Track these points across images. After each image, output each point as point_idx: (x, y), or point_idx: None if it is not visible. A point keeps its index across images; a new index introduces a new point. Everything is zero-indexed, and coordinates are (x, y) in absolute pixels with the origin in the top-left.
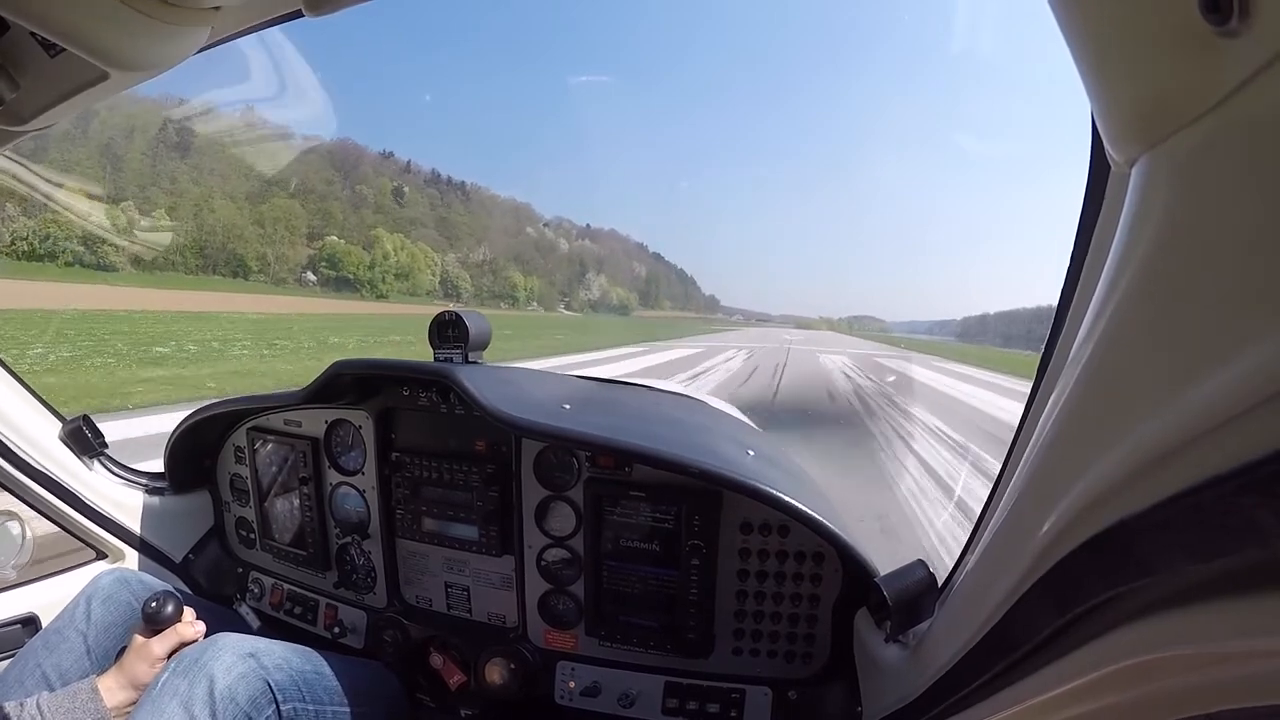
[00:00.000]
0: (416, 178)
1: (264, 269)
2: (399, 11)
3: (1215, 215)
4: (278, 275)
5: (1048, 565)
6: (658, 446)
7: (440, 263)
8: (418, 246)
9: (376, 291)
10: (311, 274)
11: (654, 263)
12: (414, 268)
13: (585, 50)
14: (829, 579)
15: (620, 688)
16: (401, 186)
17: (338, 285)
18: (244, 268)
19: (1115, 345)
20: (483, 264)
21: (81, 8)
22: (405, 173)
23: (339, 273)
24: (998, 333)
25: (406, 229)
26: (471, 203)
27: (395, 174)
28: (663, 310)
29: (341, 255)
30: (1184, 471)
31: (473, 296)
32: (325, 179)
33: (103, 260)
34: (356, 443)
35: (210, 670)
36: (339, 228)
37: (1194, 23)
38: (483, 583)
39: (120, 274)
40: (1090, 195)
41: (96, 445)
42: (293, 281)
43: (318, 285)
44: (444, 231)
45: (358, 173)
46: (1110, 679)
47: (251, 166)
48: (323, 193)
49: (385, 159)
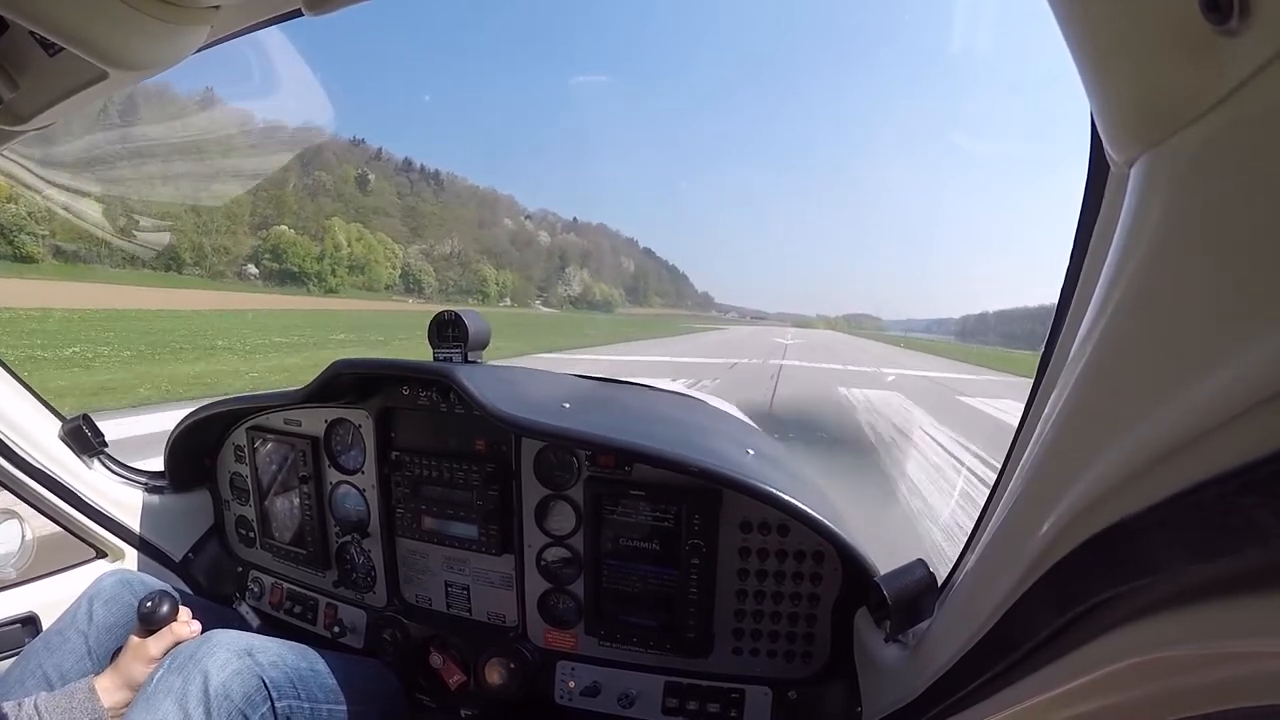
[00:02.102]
0: (386, 165)
1: (200, 261)
2: (399, 10)
3: (1215, 215)
4: (215, 268)
5: (1048, 565)
6: (658, 445)
7: (402, 255)
8: (376, 237)
9: (325, 285)
10: (253, 267)
11: (644, 258)
12: (371, 260)
13: (584, 49)
14: (829, 578)
15: (620, 687)
16: (366, 173)
17: (282, 279)
18: (177, 260)
19: (1115, 345)
20: (450, 256)
21: (81, 7)
22: (375, 160)
23: (283, 265)
24: (999, 332)
25: (368, 218)
26: (446, 192)
27: (363, 161)
28: (652, 307)
29: (287, 246)
30: (1184, 471)
31: (437, 291)
32: (281, 164)
33: (20, 251)
34: (356, 442)
35: (205, 667)
36: (293, 217)
37: (1194, 22)
38: (482, 582)
39: (40, 266)
40: (1089, 195)
41: (96, 444)
42: (232, 275)
43: (259, 279)
44: (410, 222)
45: (319, 159)
46: (1110, 679)
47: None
48: (277, 179)
49: (354, 146)
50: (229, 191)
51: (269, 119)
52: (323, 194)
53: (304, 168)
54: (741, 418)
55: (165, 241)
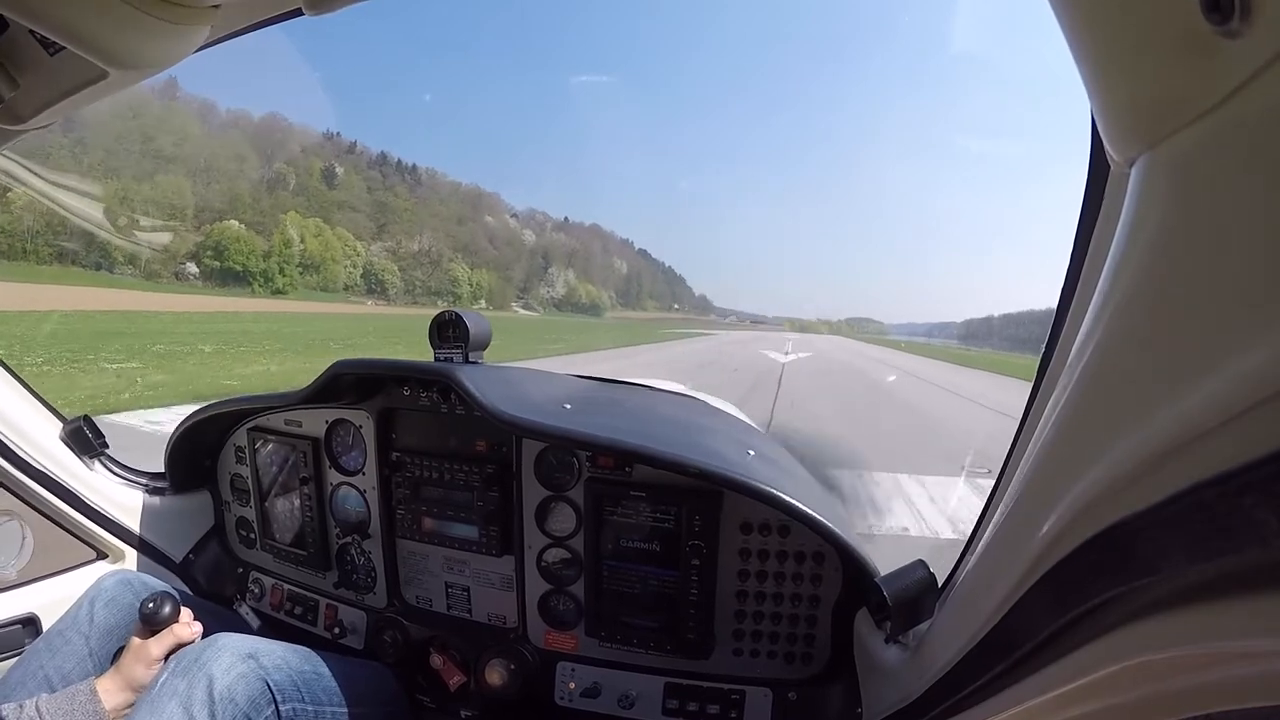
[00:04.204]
0: (359, 159)
1: (134, 260)
2: (399, 9)
3: (1215, 215)
4: (150, 268)
5: (1048, 565)
6: (658, 446)
7: (364, 252)
8: (336, 233)
9: (272, 286)
10: (194, 265)
11: (639, 260)
12: (327, 258)
13: (584, 47)
14: (829, 579)
15: (620, 688)
16: (333, 167)
17: (224, 278)
18: (109, 258)
19: (1115, 345)
20: (419, 254)
21: (81, 6)
22: (348, 154)
23: (225, 263)
24: (1004, 336)
25: (330, 213)
26: (422, 188)
27: (335, 155)
28: (645, 311)
29: (230, 243)
30: (1184, 471)
31: (402, 292)
32: (238, 156)
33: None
34: (357, 443)
35: (209, 670)
36: (250, 211)
37: (1194, 23)
38: (483, 583)
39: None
40: (1090, 195)
41: (97, 445)
42: (169, 275)
43: (199, 279)
44: (379, 218)
45: (284, 151)
46: (1110, 679)
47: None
48: (231, 172)
49: (328, 139)
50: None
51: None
52: (282, 187)
53: (265, 160)
54: (742, 418)
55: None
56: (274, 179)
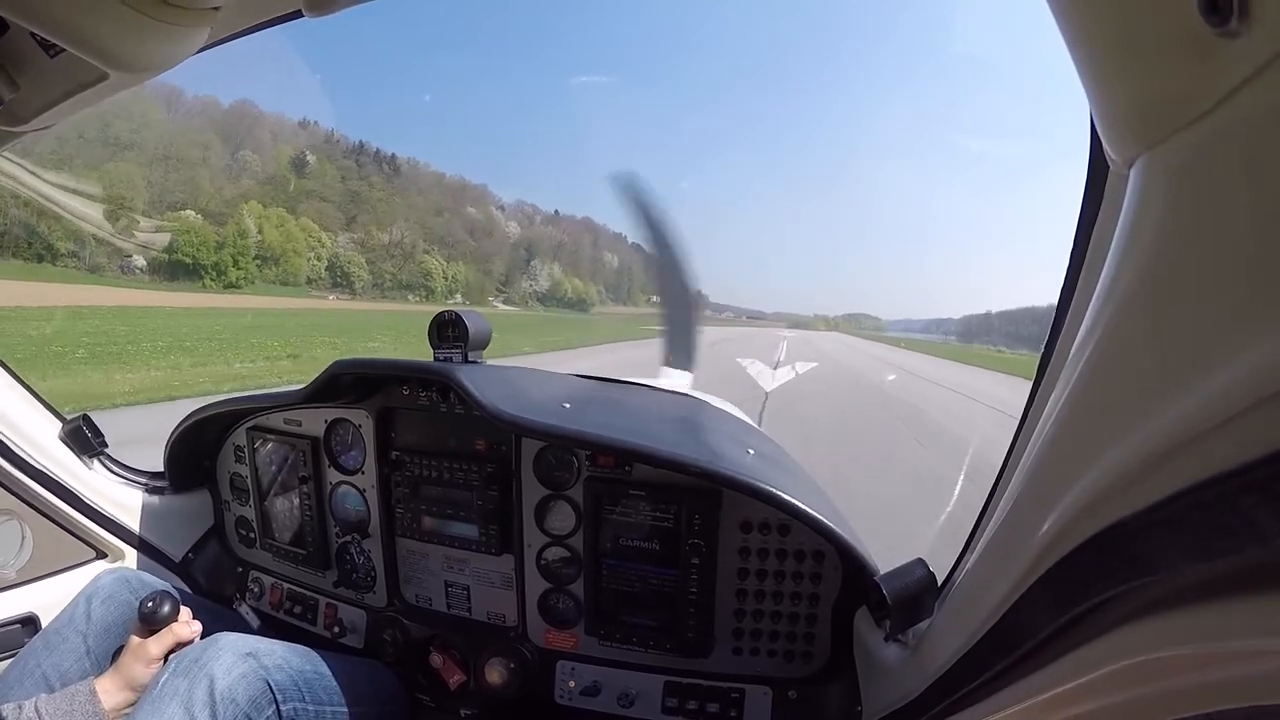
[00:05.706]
0: (335, 148)
1: (77, 252)
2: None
3: (1214, 215)
4: (94, 260)
5: (1048, 565)
6: (658, 445)
7: (330, 244)
8: (300, 223)
9: (225, 280)
10: (140, 258)
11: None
12: (289, 249)
13: (583, 45)
14: (829, 578)
15: (620, 687)
16: (305, 155)
17: (173, 271)
18: (51, 250)
19: (1115, 345)
20: (390, 246)
21: (81, 8)
22: (326, 143)
23: (173, 256)
24: (1003, 332)
25: (297, 203)
26: (401, 178)
27: (310, 144)
28: (637, 306)
29: (180, 234)
30: (1184, 471)
31: (371, 286)
32: (201, 144)
33: None
34: (356, 442)
35: (210, 670)
36: (207, 200)
37: (1193, 23)
38: (483, 582)
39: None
40: (1089, 195)
41: (96, 445)
42: (114, 268)
43: (145, 272)
44: (350, 209)
45: (252, 138)
46: (1110, 679)
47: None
48: (192, 159)
49: (302, 127)
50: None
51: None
52: (247, 176)
53: (230, 148)
54: (742, 417)
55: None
56: (237, 167)
